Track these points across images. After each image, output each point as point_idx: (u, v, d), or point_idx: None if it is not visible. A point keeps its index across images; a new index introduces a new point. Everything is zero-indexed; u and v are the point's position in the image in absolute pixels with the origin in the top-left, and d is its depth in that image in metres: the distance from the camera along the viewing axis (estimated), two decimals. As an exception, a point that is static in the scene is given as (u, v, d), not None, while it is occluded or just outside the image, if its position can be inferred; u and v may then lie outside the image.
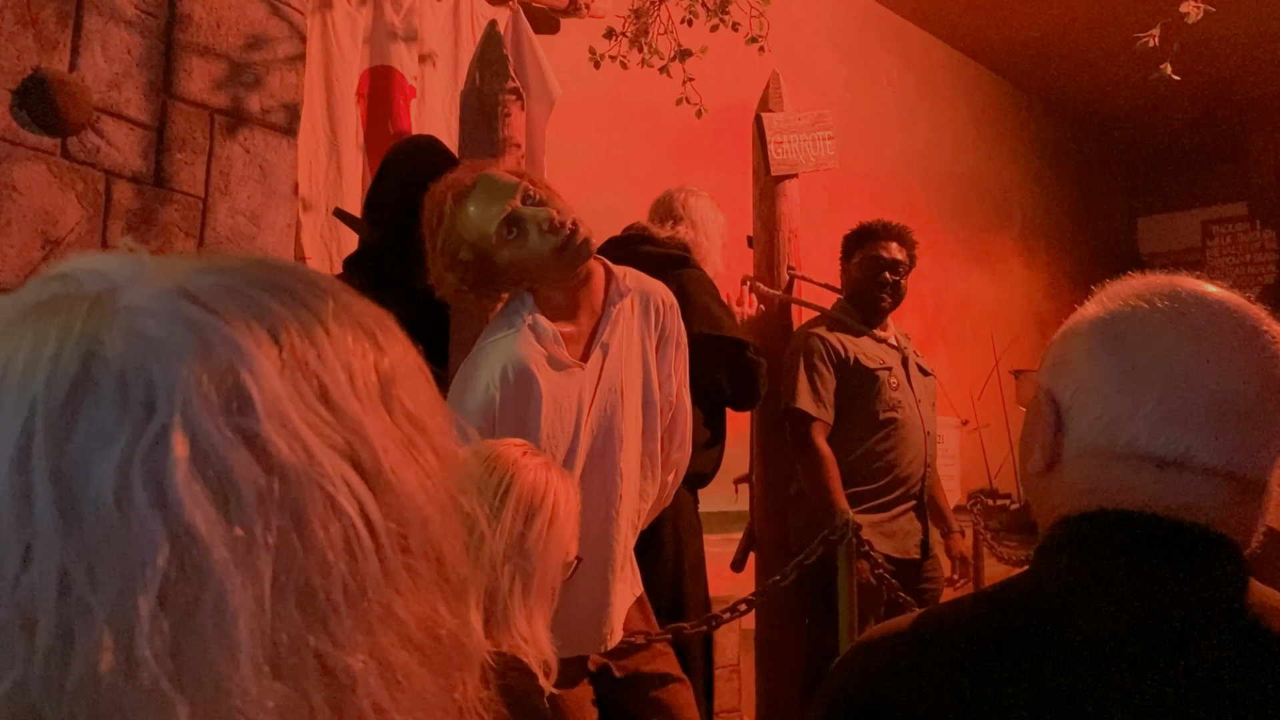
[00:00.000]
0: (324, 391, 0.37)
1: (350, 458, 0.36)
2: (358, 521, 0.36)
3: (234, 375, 0.35)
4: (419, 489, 0.39)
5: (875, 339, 2.79)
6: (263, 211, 2.53)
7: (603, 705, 1.80)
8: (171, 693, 0.32)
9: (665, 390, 1.90)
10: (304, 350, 0.37)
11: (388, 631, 0.37)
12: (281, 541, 0.34)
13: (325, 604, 0.35)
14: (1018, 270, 6.97)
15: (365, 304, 0.42)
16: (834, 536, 2.34)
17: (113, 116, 2.27)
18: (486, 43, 2.30)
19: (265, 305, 0.37)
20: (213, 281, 0.38)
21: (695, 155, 4.17)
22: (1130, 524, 0.72)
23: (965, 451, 5.42)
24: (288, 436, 0.35)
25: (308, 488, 0.35)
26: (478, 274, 1.76)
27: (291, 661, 0.34)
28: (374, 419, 0.38)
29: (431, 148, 2.36)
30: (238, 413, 0.34)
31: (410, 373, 0.41)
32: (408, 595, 0.38)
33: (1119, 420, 0.73)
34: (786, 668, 2.70)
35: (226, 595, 0.33)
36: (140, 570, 0.32)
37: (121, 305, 0.36)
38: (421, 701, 0.38)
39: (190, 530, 0.33)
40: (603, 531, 1.76)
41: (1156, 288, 0.76)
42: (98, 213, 2.22)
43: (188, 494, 0.33)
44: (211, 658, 0.33)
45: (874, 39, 5.85)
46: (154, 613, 0.32)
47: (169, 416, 0.34)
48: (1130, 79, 5.68)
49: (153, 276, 0.38)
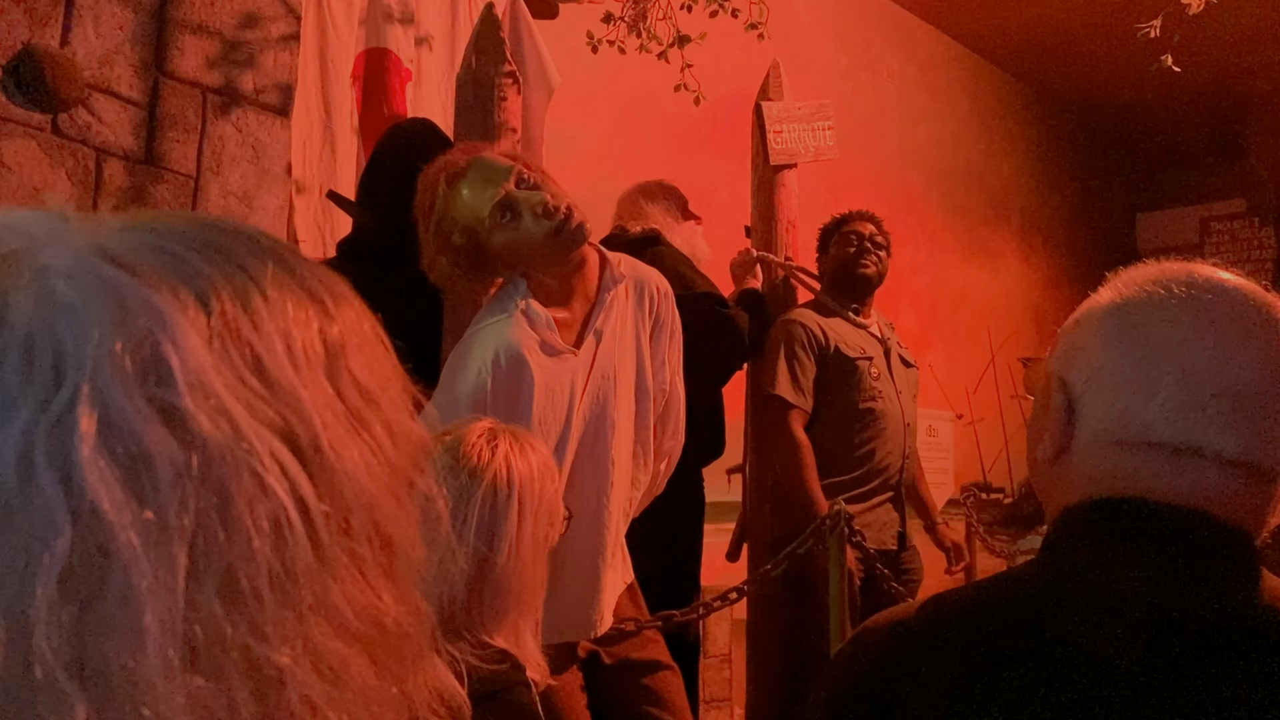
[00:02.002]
0: (257, 362, 0.34)
1: (284, 434, 0.33)
2: (288, 503, 0.33)
3: (153, 343, 0.32)
4: (363, 468, 0.36)
5: (854, 324, 2.79)
6: (255, 192, 2.51)
7: (592, 692, 1.79)
8: (70, 688, 0.29)
9: (659, 378, 1.89)
10: (236, 317, 0.34)
11: (321, 622, 0.34)
12: (200, 525, 0.31)
13: (249, 592, 0.32)
14: (1016, 265, 6.96)
15: (314, 267, 0.39)
16: (825, 526, 2.33)
17: (104, 93, 2.25)
18: (483, 26, 2.28)
19: (196, 267, 0.34)
20: (139, 240, 0.35)
21: (694, 144, 4.15)
22: (1141, 512, 0.71)
23: (959, 446, 5.42)
24: (211, 410, 0.32)
25: (232, 466, 0.32)
26: (471, 258, 1.74)
27: (210, 654, 0.31)
28: (314, 392, 0.35)
29: (427, 131, 2.34)
30: (155, 384, 0.31)
31: (363, 343, 0.38)
32: (346, 582, 0.35)
33: (1133, 407, 0.71)
34: (777, 657, 2.70)
35: (133, 582, 0.30)
36: (40, 555, 0.29)
37: (36, 265, 0.33)
38: (360, 695, 0.35)
39: (95, 510, 0.30)
40: (594, 519, 1.75)
41: (1172, 274, 0.74)
42: (88, 190, 2.20)
43: (94, 472, 0.30)
44: (116, 650, 0.30)
45: (875, 31, 5.82)
46: (53, 601, 0.29)
47: (77, 387, 0.31)
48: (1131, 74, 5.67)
49: (74, 235, 0.34)
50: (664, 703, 1.85)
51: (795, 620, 2.62)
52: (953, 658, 0.69)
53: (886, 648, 0.73)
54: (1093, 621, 0.67)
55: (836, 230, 2.88)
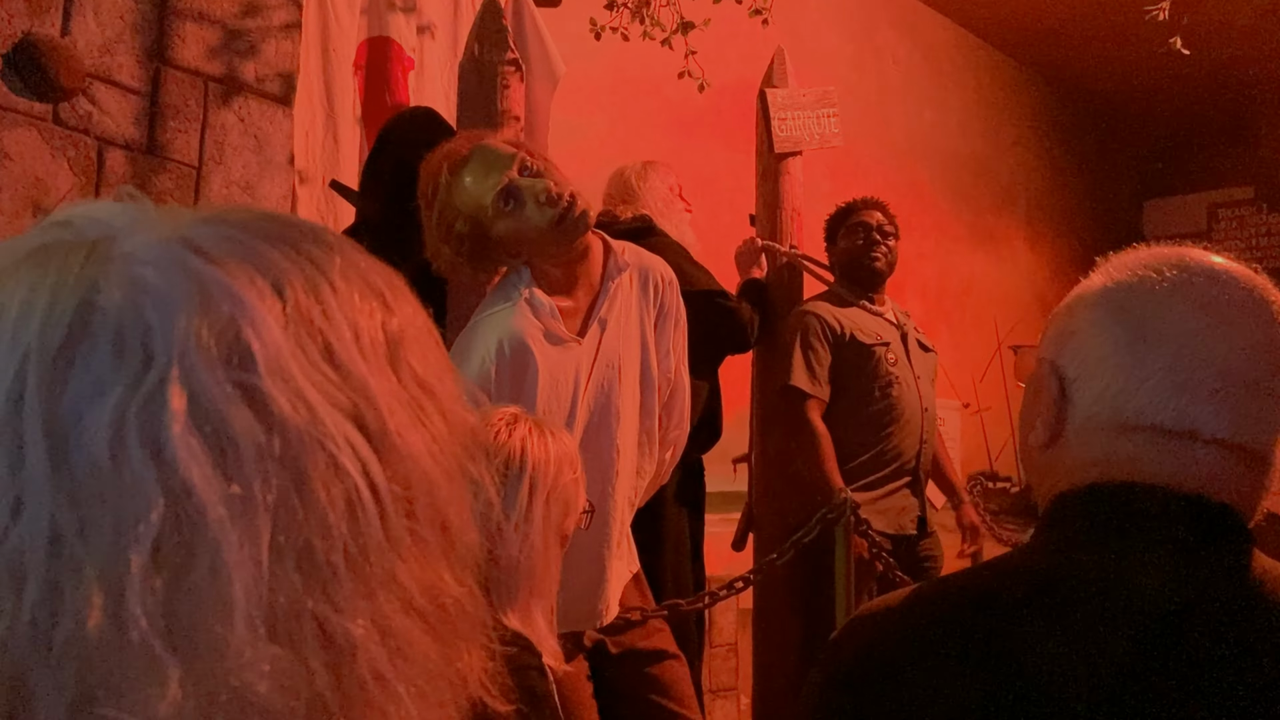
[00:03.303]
0: (329, 349, 0.36)
1: (355, 418, 0.35)
2: (360, 483, 0.35)
3: (235, 328, 0.34)
4: (425, 453, 0.37)
5: (871, 312, 2.78)
6: (257, 181, 2.50)
7: (598, 681, 1.79)
8: (163, 653, 0.31)
9: (663, 367, 1.88)
10: (309, 306, 0.36)
11: (390, 597, 0.36)
12: (281, 501, 0.33)
13: (325, 566, 0.34)
14: (1022, 253, 6.93)
15: (374, 262, 0.40)
16: (832, 515, 2.33)
17: (105, 82, 2.24)
18: (485, 14, 2.27)
19: (270, 258, 0.36)
20: (216, 232, 0.36)
21: (698, 132, 4.13)
22: (1135, 496, 0.70)
23: (966, 434, 5.41)
24: (289, 393, 0.34)
25: (309, 447, 0.34)
26: (474, 246, 1.73)
27: (289, 625, 0.33)
28: (380, 380, 0.37)
29: (429, 120, 2.33)
30: (238, 367, 0.33)
31: (419, 335, 0.40)
32: (411, 561, 0.36)
33: (1125, 391, 0.71)
34: (784, 646, 2.69)
35: (222, 554, 0.31)
36: (133, 526, 0.31)
37: (120, 253, 0.35)
38: (423, 669, 0.37)
39: (186, 486, 0.31)
40: (599, 508, 1.74)
41: (1164, 258, 0.75)
42: (90, 180, 2.19)
43: (184, 448, 0.32)
44: (205, 618, 0.31)
45: (880, 17, 5.78)
46: (146, 570, 0.31)
47: (167, 368, 0.32)
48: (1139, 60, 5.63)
49: (154, 225, 0.36)
50: (670, 692, 1.85)
51: (803, 609, 2.63)
52: (946, 641, 0.69)
53: (881, 631, 0.73)
54: (1088, 603, 0.67)
55: (844, 221, 2.86)
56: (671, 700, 1.84)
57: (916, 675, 0.68)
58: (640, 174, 2.70)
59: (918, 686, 0.67)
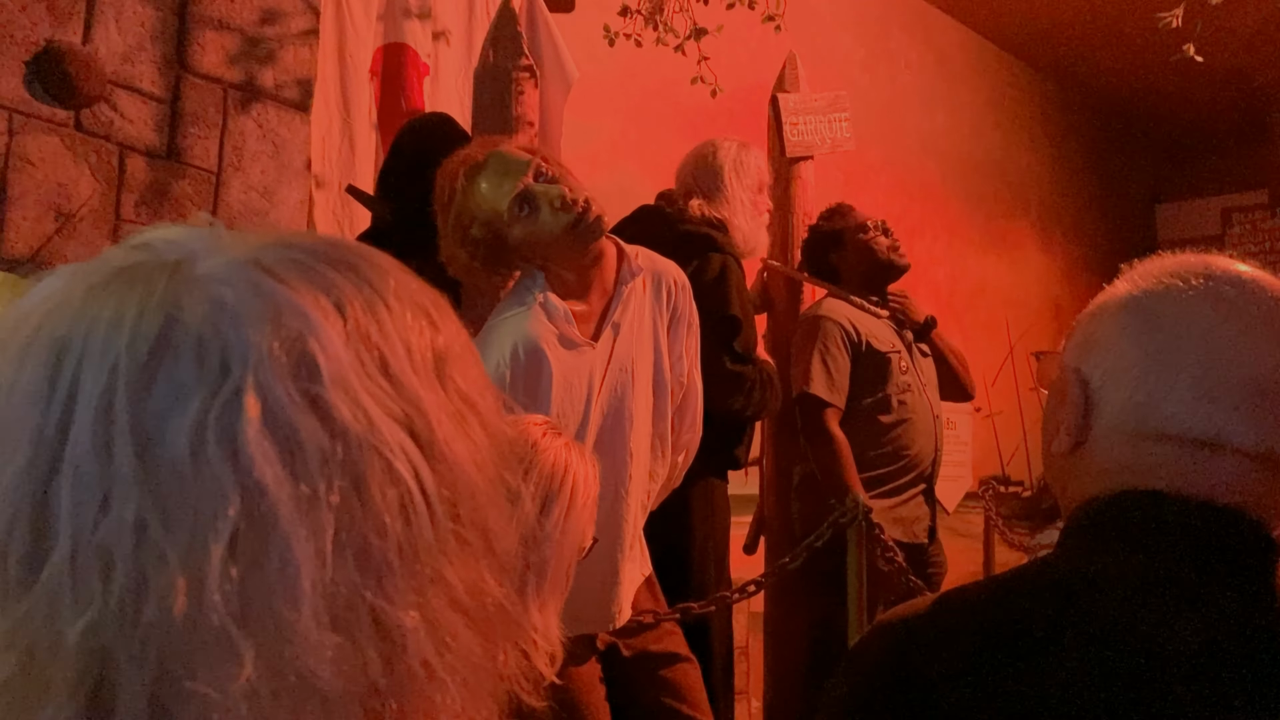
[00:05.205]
0: (384, 363, 0.39)
1: (407, 427, 0.38)
2: (413, 487, 0.38)
3: (303, 343, 0.37)
4: (469, 462, 0.40)
5: (878, 317, 2.76)
6: (275, 187, 2.53)
7: (610, 683, 1.80)
8: (238, 636, 0.34)
9: (676, 371, 1.89)
10: (366, 323, 0.39)
11: (438, 593, 0.38)
12: (343, 501, 0.36)
13: (381, 563, 0.37)
14: (1034, 256, 6.91)
15: (422, 284, 0.44)
16: (844, 519, 2.33)
17: (126, 90, 2.27)
18: (500, 20, 2.29)
19: (331, 279, 0.39)
20: (283, 255, 0.40)
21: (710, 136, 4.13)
22: (1160, 505, 0.70)
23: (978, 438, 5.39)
24: (350, 403, 0.37)
25: (368, 453, 0.37)
26: (489, 251, 1.75)
27: (348, 615, 0.36)
28: (430, 393, 0.40)
29: (445, 126, 2.35)
30: (306, 378, 0.37)
31: (462, 352, 0.43)
32: (456, 561, 0.39)
33: (1152, 400, 0.71)
34: (795, 650, 2.70)
35: (291, 547, 0.35)
36: (212, 520, 0.34)
37: (199, 273, 0.38)
38: (467, 662, 0.39)
39: (260, 485, 0.35)
40: (612, 511, 1.76)
41: (1190, 266, 0.74)
42: (111, 186, 2.22)
43: (258, 451, 0.35)
44: (276, 605, 0.34)
45: (892, 21, 5.79)
46: (224, 560, 0.34)
47: (242, 378, 0.36)
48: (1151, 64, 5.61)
49: (227, 248, 0.40)
50: (682, 695, 1.85)
51: (815, 613, 2.62)
52: (973, 649, 0.68)
53: (908, 638, 0.73)
54: (1112, 613, 0.67)
55: (844, 228, 2.78)
56: (683, 703, 1.85)
57: (943, 682, 0.68)
58: (736, 165, 2.49)
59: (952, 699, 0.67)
